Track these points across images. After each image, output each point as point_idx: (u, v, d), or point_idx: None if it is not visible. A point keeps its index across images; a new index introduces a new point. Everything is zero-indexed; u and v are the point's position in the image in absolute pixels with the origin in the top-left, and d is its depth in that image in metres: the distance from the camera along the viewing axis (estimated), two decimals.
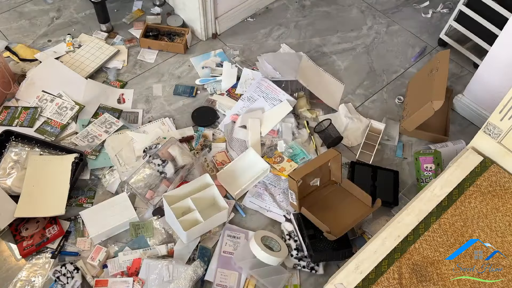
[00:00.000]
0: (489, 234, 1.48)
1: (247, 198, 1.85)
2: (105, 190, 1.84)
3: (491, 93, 1.94)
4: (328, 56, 2.40)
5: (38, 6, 2.51)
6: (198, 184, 1.76)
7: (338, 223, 1.69)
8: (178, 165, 1.83)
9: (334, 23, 2.55)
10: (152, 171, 1.83)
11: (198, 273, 1.59)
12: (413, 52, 2.43)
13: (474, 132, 1.68)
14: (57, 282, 1.57)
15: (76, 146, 1.92)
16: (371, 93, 2.25)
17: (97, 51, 2.28)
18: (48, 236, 1.67)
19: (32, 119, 1.98)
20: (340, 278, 1.40)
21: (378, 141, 2.02)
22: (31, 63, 2.22)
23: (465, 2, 2.18)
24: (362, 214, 1.73)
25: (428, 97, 1.90)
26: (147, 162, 1.84)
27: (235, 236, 1.74)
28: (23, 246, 1.66)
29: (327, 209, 1.77)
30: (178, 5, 2.43)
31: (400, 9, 2.64)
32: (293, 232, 1.75)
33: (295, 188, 1.69)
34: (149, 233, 1.72)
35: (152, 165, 1.83)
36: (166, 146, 1.87)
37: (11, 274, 1.63)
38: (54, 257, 1.64)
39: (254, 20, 2.55)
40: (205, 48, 2.38)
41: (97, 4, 2.27)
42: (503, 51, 1.83)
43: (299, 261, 1.69)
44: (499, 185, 1.58)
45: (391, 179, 1.90)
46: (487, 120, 1.57)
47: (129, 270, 1.63)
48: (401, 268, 1.41)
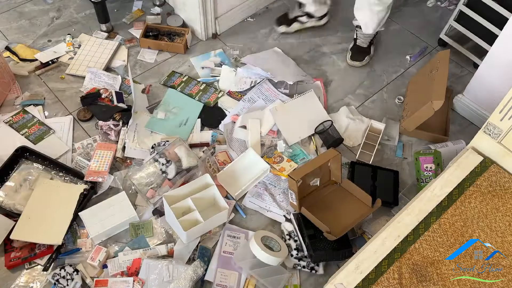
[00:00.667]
0: (489, 234, 1.48)
1: (247, 198, 1.85)
2: (104, 189, 1.83)
3: (491, 93, 1.93)
4: (328, 56, 2.40)
5: (38, 6, 2.51)
6: (198, 184, 1.76)
7: (338, 223, 1.69)
8: (182, 167, 1.83)
9: (334, 23, 2.55)
10: (156, 169, 1.83)
11: (198, 273, 1.59)
12: (413, 52, 2.43)
13: (474, 132, 1.68)
14: (56, 285, 1.56)
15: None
16: (371, 93, 2.25)
17: (98, 48, 2.28)
18: (36, 252, 1.64)
19: (39, 137, 1.96)
20: (340, 278, 1.40)
21: (378, 141, 2.02)
22: (31, 63, 2.22)
23: (465, 2, 2.18)
24: (362, 214, 1.73)
25: (428, 97, 1.90)
26: (153, 160, 1.84)
27: (235, 236, 1.74)
28: (10, 257, 1.63)
29: (327, 209, 1.77)
30: (178, 5, 2.43)
31: (400, 9, 2.64)
32: (293, 232, 1.75)
33: (295, 188, 1.69)
34: (149, 233, 1.72)
35: (157, 163, 1.83)
36: (173, 145, 1.87)
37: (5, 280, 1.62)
38: (45, 269, 1.62)
39: (254, 20, 2.55)
40: (205, 48, 2.38)
41: (97, 4, 2.27)
42: (503, 51, 1.83)
43: (299, 261, 1.69)
44: (499, 185, 1.58)
45: (391, 179, 1.90)
46: (487, 120, 1.57)
47: (129, 270, 1.63)
48: (401, 268, 1.41)
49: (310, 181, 1.80)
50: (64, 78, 2.19)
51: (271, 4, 2.62)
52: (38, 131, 1.98)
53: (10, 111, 2.04)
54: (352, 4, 2.22)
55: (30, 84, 2.16)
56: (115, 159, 1.90)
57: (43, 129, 1.99)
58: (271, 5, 2.62)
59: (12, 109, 2.05)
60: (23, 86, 2.15)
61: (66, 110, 2.08)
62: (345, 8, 2.61)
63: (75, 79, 2.19)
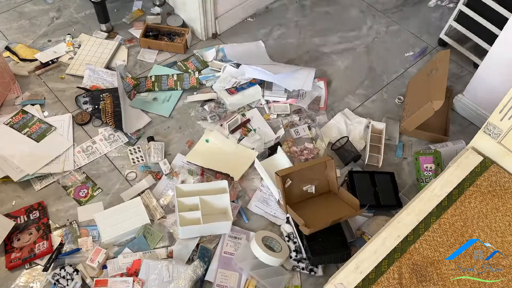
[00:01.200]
0: (489, 234, 1.48)
1: (252, 203, 1.85)
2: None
3: (491, 93, 1.93)
4: (328, 56, 2.40)
5: (38, 6, 2.51)
6: (214, 186, 1.78)
7: (318, 220, 1.68)
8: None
9: (334, 23, 2.55)
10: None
11: (197, 273, 1.59)
12: (413, 52, 2.43)
13: (474, 132, 1.68)
14: (56, 285, 1.56)
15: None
16: (371, 93, 2.25)
17: (98, 48, 2.29)
18: (36, 252, 1.65)
19: (41, 135, 1.96)
20: (340, 278, 1.40)
21: (383, 141, 2.01)
22: (31, 63, 2.22)
23: (465, 2, 2.18)
24: (345, 215, 1.71)
25: (428, 97, 1.90)
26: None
27: (237, 236, 1.74)
28: (10, 257, 1.64)
29: (314, 211, 1.76)
30: (178, 5, 2.43)
31: (400, 9, 2.64)
32: (292, 233, 1.75)
33: (280, 186, 1.70)
34: (153, 243, 1.70)
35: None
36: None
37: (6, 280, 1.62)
38: (46, 269, 1.62)
39: (254, 20, 2.54)
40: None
41: (97, 4, 2.27)
42: (503, 51, 1.83)
43: (298, 262, 1.69)
44: (499, 185, 1.58)
45: (389, 182, 1.90)
46: (487, 120, 1.58)
47: (129, 270, 1.62)
48: (401, 268, 1.41)
49: (304, 187, 1.80)
50: (64, 78, 2.19)
51: (271, 4, 2.62)
52: (40, 129, 1.98)
53: (10, 111, 2.04)
54: (351, 3, 2.22)
55: (30, 84, 2.16)
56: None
57: (44, 127, 1.99)
58: (271, 5, 2.62)
59: (12, 109, 2.05)
60: (23, 86, 2.15)
61: (66, 110, 2.08)
62: (345, 8, 2.62)
63: (75, 79, 2.19)
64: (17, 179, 1.81)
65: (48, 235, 1.69)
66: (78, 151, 1.95)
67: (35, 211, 1.76)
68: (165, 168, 1.88)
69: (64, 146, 1.94)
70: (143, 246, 1.68)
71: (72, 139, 1.97)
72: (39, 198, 1.81)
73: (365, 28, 2.53)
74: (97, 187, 1.85)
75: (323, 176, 1.82)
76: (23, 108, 2.04)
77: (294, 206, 1.74)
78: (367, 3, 2.66)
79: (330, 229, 1.70)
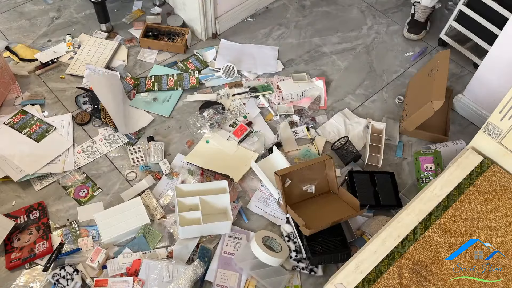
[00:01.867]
0: (489, 234, 1.48)
1: (252, 203, 1.85)
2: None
3: (491, 93, 1.94)
4: (328, 56, 2.40)
5: (38, 6, 2.51)
6: (214, 186, 1.78)
7: (318, 220, 1.68)
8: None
9: (334, 23, 2.55)
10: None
11: (197, 273, 1.59)
12: (413, 52, 2.43)
13: (474, 132, 1.68)
14: (56, 285, 1.56)
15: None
16: (371, 93, 2.25)
17: (98, 48, 2.29)
18: (36, 252, 1.65)
19: (41, 135, 1.96)
20: (340, 278, 1.40)
21: (383, 141, 2.01)
22: (31, 63, 2.22)
23: (465, 2, 2.18)
24: (345, 216, 1.72)
25: (428, 97, 1.90)
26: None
27: (237, 236, 1.74)
28: (10, 257, 1.64)
29: (314, 211, 1.76)
30: (178, 5, 2.43)
31: (400, 9, 2.64)
32: (292, 233, 1.75)
33: (280, 186, 1.70)
34: (153, 243, 1.70)
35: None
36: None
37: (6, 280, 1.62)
38: (46, 269, 1.62)
39: (254, 20, 2.55)
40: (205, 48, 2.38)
41: (97, 4, 2.27)
42: (503, 51, 1.83)
43: (298, 262, 1.69)
44: (499, 185, 1.58)
45: (389, 182, 1.90)
46: (487, 120, 1.58)
47: (129, 270, 1.62)
48: (401, 268, 1.41)
49: (303, 187, 1.80)
50: (64, 78, 2.19)
51: (271, 4, 2.62)
52: (40, 129, 1.98)
53: (10, 111, 2.04)
54: (351, 3, 2.22)
55: (30, 84, 2.16)
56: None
57: (44, 127, 1.99)
58: (271, 5, 2.62)
59: (12, 109, 2.05)
60: (23, 86, 2.15)
61: (66, 110, 2.08)
62: (345, 8, 2.62)
63: (75, 79, 2.19)
64: (17, 179, 1.81)
65: (48, 235, 1.69)
66: (78, 151, 1.95)
67: (35, 211, 1.76)
68: (165, 168, 1.88)
69: (64, 146, 1.95)
70: (143, 246, 1.68)
71: (72, 139, 1.98)
72: (39, 198, 1.81)
73: (365, 28, 2.53)
74: (97, 187, 1.85)
75: (323, 176, 1.82)
76: (23, 108, 2.04)
77: (294, 206, 1.74)
78: (367, 3, 2.66)
79: (330, 229, 1.70)
